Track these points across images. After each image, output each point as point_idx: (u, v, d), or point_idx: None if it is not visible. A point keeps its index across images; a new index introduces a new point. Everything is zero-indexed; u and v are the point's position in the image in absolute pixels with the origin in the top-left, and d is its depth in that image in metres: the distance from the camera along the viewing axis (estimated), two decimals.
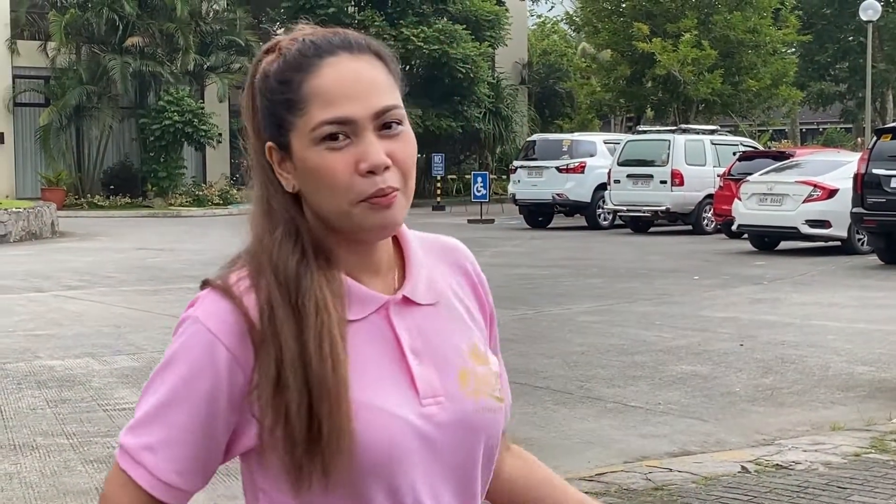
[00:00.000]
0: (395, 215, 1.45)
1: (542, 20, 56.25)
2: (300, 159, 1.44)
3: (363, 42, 1.49)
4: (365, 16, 35.86)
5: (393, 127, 1.45)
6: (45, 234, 23.10)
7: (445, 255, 1.61)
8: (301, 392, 1.39)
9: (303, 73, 1.45)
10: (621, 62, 37.56)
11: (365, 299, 1.48)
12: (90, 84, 32.77)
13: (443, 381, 1.49)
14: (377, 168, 1.42)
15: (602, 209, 25.35)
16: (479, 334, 1.57)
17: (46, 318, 11.48)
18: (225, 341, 1.42)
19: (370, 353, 1.46)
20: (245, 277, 1.45)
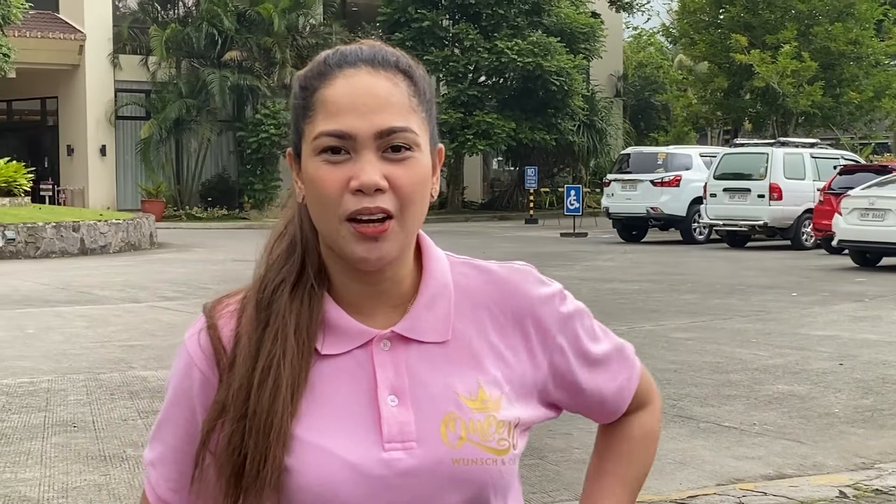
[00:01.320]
0: (384, 248, 1.38)
1: (638, 32, 55.83)
2: (303, 167, 1.43)
3: (392, 59, 1.43)
4: (459, 29, 35.93)
5: (401, 151, 1.38)
6: (143, 245, 23.50)
7: (490, 288, 1.50)
8: (238, 421, 1.39)
9: (319, 81, 1.42)
10: (718, 74, 37.10)
11: (349, 332, 1.43)
12: (189, 98, 33.33)
13: (421, 425, 1.40)
14: (365, 188, 1.35)
15: (698, 223, 25.02)
16: (500, 378, 1.46)
17: (141, 328, 11.64)
18: (199, 364, 1.45)
19: (339, 390, 1.41)
20: (237, 301, 1.47)
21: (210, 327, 1.46)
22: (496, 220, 35.77)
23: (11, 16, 27.07)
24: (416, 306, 1.44)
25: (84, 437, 6.96)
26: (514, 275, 1.52)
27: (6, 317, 12.50)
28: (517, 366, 1.48)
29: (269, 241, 1.49)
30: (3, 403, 7.96)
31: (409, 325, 1.44)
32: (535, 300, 1.51)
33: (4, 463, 6.38)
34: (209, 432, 1.42)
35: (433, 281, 1.46)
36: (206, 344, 1.45)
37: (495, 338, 1.48)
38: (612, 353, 1.59)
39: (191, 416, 1.46)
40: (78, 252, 21.63)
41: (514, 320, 1.49)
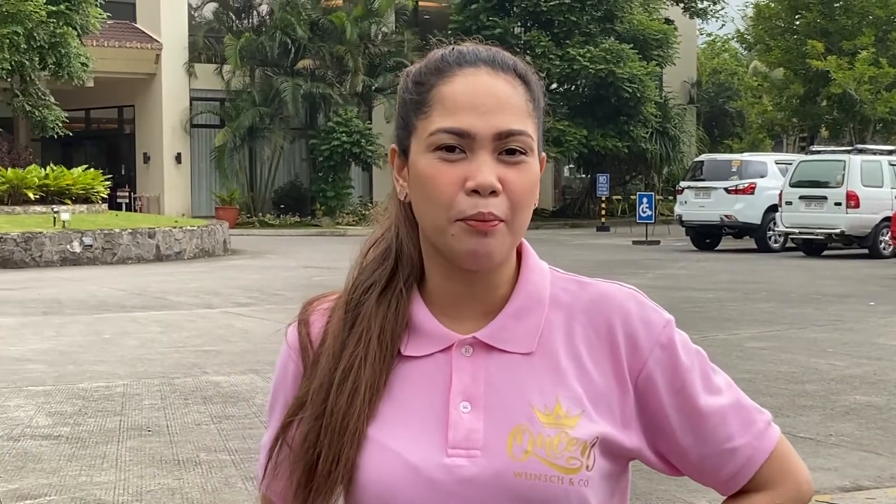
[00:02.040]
0: (492, 245, 1.36)
1: (713, 38, 55.34)
2: (412, 164, 1.40)
3: (510, 62, 1.42)
4: (531, 36, 35.89)
5: (516, 154, 1.37)
6: (217, 251, 23.76)
7: (588, 305, 1.45)
8: (315, 419, 1.40)
9: (437, 77, 1.40)
10: (794, 80, 36.66)
11: (433, 336, 1.42)
12: (263, 106, 33.65)
13: (489, 434, 1.38)
14: (482, 188, 1.34)
15: (773, 231, 24.70)
16: (582, 396, 1.40)
17: (214, 334, 11.75)
18: (293, 356, 1.48)
19: (415, 392, 1.41)
20: (333, 299, 1.49)
21: (301, 323, 1.48)
22: (567, 227, 35.63)
23: (90, 25, 27.57)
24: (503, 315, 1.43)
25: (158, 442, 7.04)
26: (617, 290, 1.48)
27: (83, 322, 12.70)
28: (603, 385, 1.42)
29: (365, 247, 1.50)
30: (80, 407, 8.08)
31: (492, 332, 1.42)
32: (633, 318, 1.45)
33: (80, 466, 6.48)
34: (287, 425, 1.44)
35: (525, 292, 1.44)
36: (294, 339, 1.48)
37: (584, 353, 1.43)
38: (728, 409, 1.48)
39: (285, 405, 1.48)
40: (153, 258, 21.93)
41: (606, 336, 1.44)
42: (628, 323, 1.45)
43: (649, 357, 1.44)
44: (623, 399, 1.43)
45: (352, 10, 34.49)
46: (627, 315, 1.45)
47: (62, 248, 20.88)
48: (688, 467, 1.48)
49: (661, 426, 1.45)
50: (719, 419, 1.47)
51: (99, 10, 27.90)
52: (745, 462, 1.48)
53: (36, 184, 24.26)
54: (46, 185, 24.45)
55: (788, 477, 1.50)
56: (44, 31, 25.87)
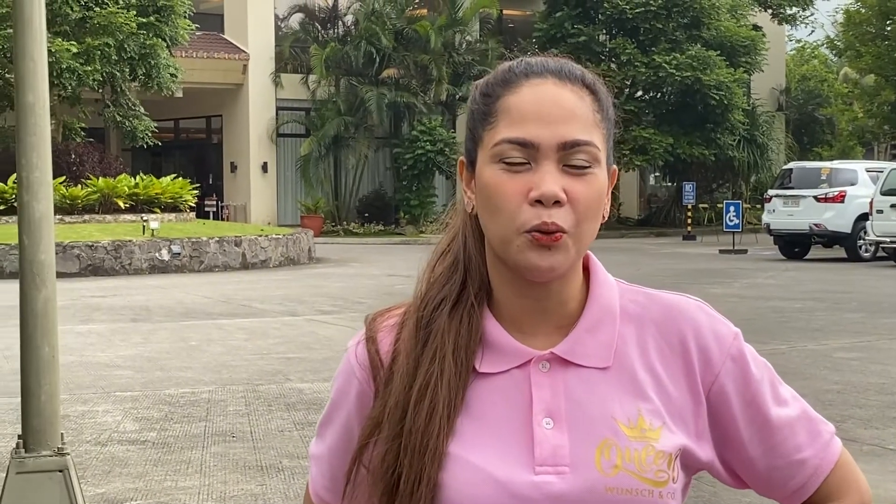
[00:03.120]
0: (556, 258, 1.35)
1: (802, 45, 54.55)
2: (478, 175, 1.40)
3: (578, 73, 1.42)
4: (616, 44, 35.70)
5: (580, 166, 1.36)
6: (302, 259, 23.97)
7: (659, 318, 1.45)
8: (393, 440, 1.38)
9: (503, 88, 1.40)
10: (886, 87, 35.97)
11: (507, 352, 1.41)
12: (348, 115, 33.90)
13: (575, 449, 1.37)
14: (545, 198, 1.33)
15: (863, 240, 24.21)
16: (661, 408, 1.41)
17: (298, 341, 11.85)
18: (358, 375, 1.46)
19: (494, 409, 1.39)
20: (398, 314, 1.47)
21: (369, 340, 1.46)
22: (653, 236, 35.33)
23: (179, 37, 28.03)
24: (578, 329, 1.42)
25: (242, 448, 7.10)
26: (686, 303, 1.48)
27: (170, 329, 12.89)
28: (678, 397, 1.43)
29: (432, 259, 1.49)
30: (166, 413, 8.19)
31: (569, 347, 1.41)
32: (705, 330, 1.45)
33: (165, 471, 6.56)
34: (363, 447, 1.42)
35: (598, 305, 1.43)
36: (364, 357, 1.46)
37: (659, 366, 1.43)
38: (797, 421, 1.48)
39: (346, 422, 1.47)
40: (239, 266, 22.20)
41: (679, 348, 1.44)
42: (700, 335, 1.45)
43: (721, 369, 1.44)
44: (697, 411, 1.44)
45: (436, 19, 34.61)
46: (699, 327, 1.45)
47: (151, 256, 21.24)
48: (755, 479, 1.49)
49: (731, 438, 1.46)
50: (788, 431, 1.47)
51: (188, 21, 28.36)
52: (812, 473, 1.48)
53: (126, 193, 24.72)
54: (136, 194, 24.90)
55: (851, 487, 1.50)
56: (134, 43, 26.36)
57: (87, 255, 20.57)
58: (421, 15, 35.36)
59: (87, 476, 6.35)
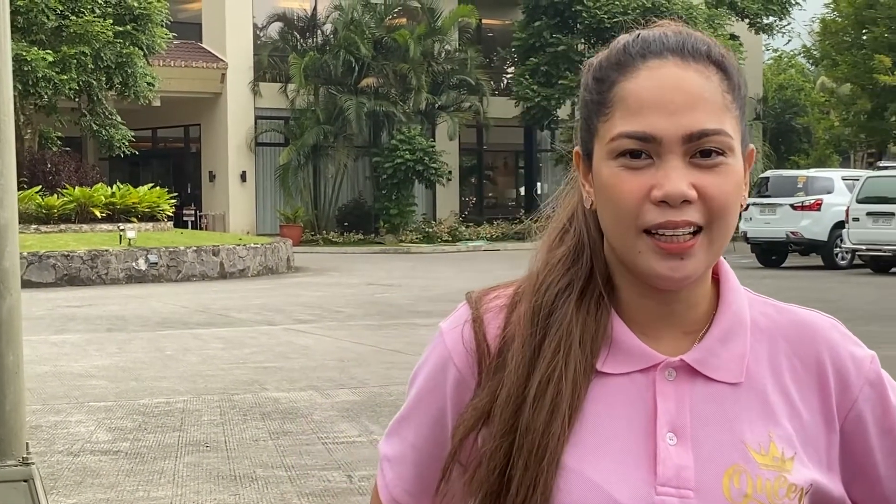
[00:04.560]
0: (689, 266, 1.21)
1: (779, 54, 54.82)
2: (596, 171, 1.25)
3: (703, 47, 1.25)
4: (594, 53, 35.76)
5: (712, 156, 1.21)
6: (280, 269, 23.91)
7: (792, 334, 1.32)
8: (504, 436, 1.23)
9: (618, 73, 1.25)
10: (862, 96, 36.18)
11: (632, 353, 1.26)
12: (327, 124, 33.88)
13: (700, 472, 1.23)
14: (671, 199, 1.19)
15: (840, 248, 24.34)
16: (793, 435, 1.27)
17: (275, 350, 11.81)
18: (457, 360, 1.30)
19: (614, 416, 1.25)
20: (507, 296, 1.31)
21: (476, 320, 1.30)
22: None
23: (156, 45, 27.97)
24: (710, 337, 1.27)
25: (216, 457, 7.07)
26: (821, 320, 1.35)
27: (146, 339, 12.84)
28: (811, 424, 1.29)
29: (550, 237, 1.33)
30: (140, 423, 8.15)
31: (700, 356, 1.26)
32: (841, 351, 1.32)
33: (138, 482, 6.52)
34: (462, 440, 1.27)
35: (730, 313, 1.29)
36: (470, 339, 1.30)
37: (792, 388, 1.29)
38: None
39: (439, 416, 1.31)
40: (217, 276, 22.13)
41: (815, 370, 1.31)
42: (837, 357, 1.31)
43: (860, 395, 1.31)
44: (830, 440, 1.30)
45: (415, 28, 34.64)
46: (835, 348, 1.32)
47: (128, 266, 21.15)
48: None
49: (865, 471, 1.32)
50: None
51: (165, 30, 28.29)
52: None
53: (103, 202, 24.61)
54: (113, 204, 24.80)
55: None
56: (110, 52, 26.28)
57: (63, 264, 20.46)
58: (400, 24, 35.38)
59: (58, 486, 6.31)
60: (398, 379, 9.86)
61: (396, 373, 10.20)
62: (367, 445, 7.35)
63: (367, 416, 8.32)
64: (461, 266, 25.34)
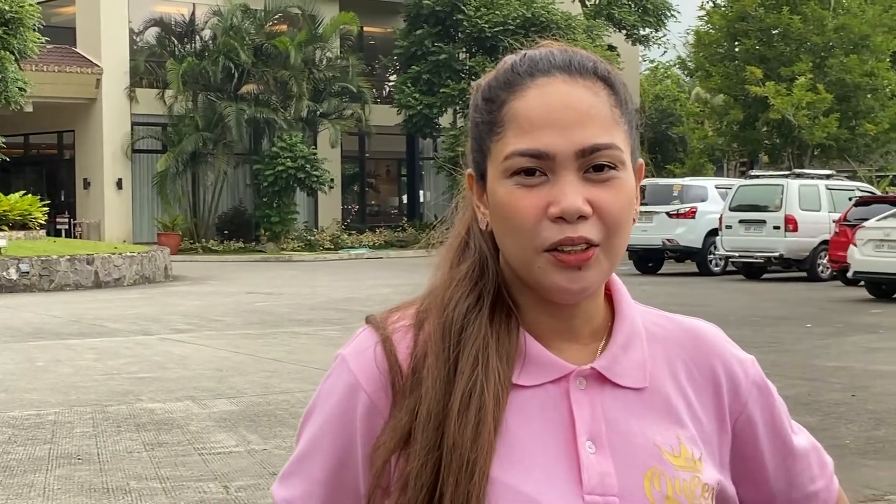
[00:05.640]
0: (588, 277, 1.22)
1: (655, 65, 55.91)
2: (491, 191, 1.26)
3: (589, 65, 1.27)
4: (476, 62, 36.04)
5: (605, 170, 1.22)
6: (157, 277, 23.53)
7: (685, 341, 1.36)
8: (428, 454, 1.21)
9: (508, 92, 1.26)
10: (734, 106, 37.07)
11: (544, 364, 1.27)
12: (206, 131, 33.47)
13: (622, 477, 1.24)
14: (567, 214, 1.20)
15: (713, 255, 24.93)
16: (696, 436, 1.31)
17: (151, 361, 11.62)
18: (366, 386, 1.27)
19: (534, 427, 1.25)
20: (410, 316, 1.30)
21: (385, 341, 1.28)
22: None
23: (28, 50, 27.28)
24: (613, 346, 1.30)
25: (88, 470, 6.92)
26: (708, 327, 1.39)
27: (17, 349, 12.51)
28: (708, 425, 1.33)
29: (449, 253, 1.33)
30: (9, 436, 7.94)
31: (607, 364, 1.28)
32: (730, 357, 1.37)
33: (7, 496, 6.35)
34: (385, 464, 1.24)
35: (627, 323, 1.32)
36: (382, 360, 1.27)
37: (690, 392, 1.33)
38: (810, 450, 1.42)
39: (348, 447, 1.27)
40: (92, 285, 21.68)
41: (708, 376, 1.35)
42: (727, 362, 1.36)
43: (749, 398, 1.36)
44: (721, 441, 1.35)
45: (296, 35, 34.45)
46: (724, 353, 1.37)
47: None
48: None
49: (754, 471, 1.37)
50: (806, 461, 1.41)
51: (37, 34, 27.60)
52: (826, 500, 1.44)
53: None
54: None
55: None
56: None
57: None
58: (280, 31, 35.16)
59: None
60: (277, 388, 9.79)
61: (276, 382, 10.12)
62: (244, 456, 7.28)
63: (245, 425, 8.23)
64: (343, 274, 25.26)
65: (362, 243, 35.15)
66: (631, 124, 1.27)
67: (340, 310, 16.53)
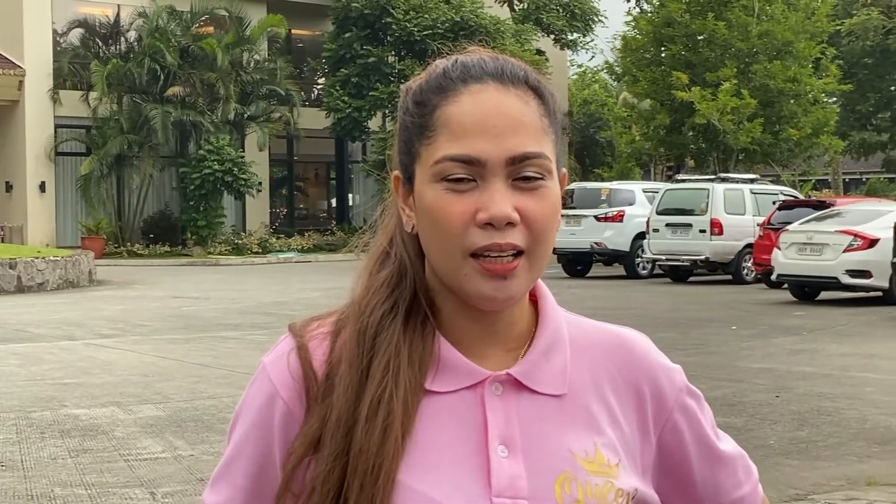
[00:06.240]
0: (513, 286, 1.23)
1: (583, 70, 56.36)
2: (418, 194, 1.27)
3: (521, 74, 1.28)
4: (405, 65, 36.06)
5: (532, 179, 1.23)
6: (82, 282, 23.20)
7: (611, 349, 1.37)
8: (336, 460, 1.22)
9: (440, 96, 1.27)
10: (661, 111, 37.47)
11: (459, 370, 1.27)
12: (131, 133, 33.07)
13: (533, 482, 1.25)
14: (496, 221, 1.20)
15: (641, 258, 25.17)
16: (616, 443, 1.31)
17: (76, 366, 11.45)
18: (283, 393, 1.28)
19: (446, 432, 1.26)
20: (330, 323, 1.31)
21: (301, 348, 1.29)
22: None
23: None
24: (533, 352, 1.30)
25: (11, 477, 6.81)
26: (636, 336, 1.40)
27: None
28: (629, 433, 1.34)
29: (370, 262, 1.34)
30: None
31: (525, 370, 1.29)
32: (657, 367, 1.38)
33: None
34: (294, 469, 1.25)
35: (550, 329, 1.33)
36: (296, 367, 1.28)
37: (612, 400, 1.34)
38: (736, 456, 1.43)
39: (268, 453, 1.29)
40: (14, 290, 21.30)
41: (632, 384, 1.36)
42: (651, 371, 1.37)
43: (674, 406, 1.37)
44: (644, 450, 1.35)
45: (223, 37, 34.18)
46: (649, 362, 1.38)
47: None
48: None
49: (682, 478, 1.38)
50: (732, 467, 1.42)
51: None
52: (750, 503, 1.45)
53: None
54: None
55: None
56: None
57: None
58: (207, 32, 34.84)
59: None
60: (204, 393, 9.70)
61: (203, 387, 10.02)
62: (171, 462, 7.20)
63: (172, 431, 8.14)
64: (272, 278, 25.10)
65: (291, 247, 34.96)
66: (558, 134, 1.29)
67: (269, 314, 16.42)
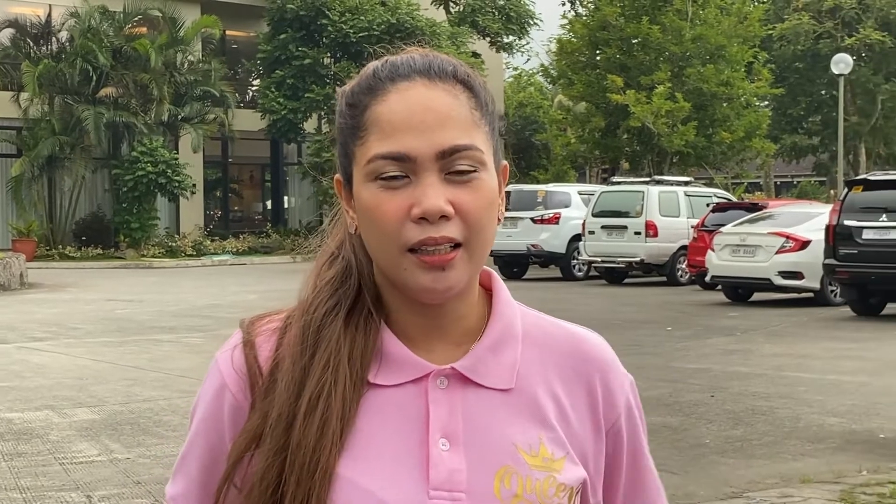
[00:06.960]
0: (451, 277, 1.24)
1: (519, 73, 56.59)
2: (356, 195, 1.28)
3: (449, 68, 1.30)
4: (340, 67, 35.97)
5: (465, 172, 1.25)
6: (13, 285, 22.85)
7: (565, 346, 1.37)
8: (276, 455, 1.24)
9: (370, 97, 1.29)
10: (596, 114, 37.73)
11: (404, 364, 1.29)
12: (63, 134, 32.63)
13: (473, 475, 1.26)
14: (429, 215, 1.22)
15: (577, 260, 25.32)
16: (563, 439, 1.32)
17: (8, 369, 11.28)
18: (231, 387, 1.30)
19: (388, 425, 1.27)
20: (279, 319, 1.33)
21: (246, 344, 1.31)
22: None
23: None
24: (480, 347, 1.31)
25: None
26: (591, 336, 1.41)
27: None
28: (580, 429, 1.34)
29: (319, 262, 1.36)
30: None
31: (470, 364, 1.30)
32: (611, 370, 1.39)
33: None
34: (235, 464, 1.27)
35: (500, 324, 1.34)
36: (241, 362, 1.30)
37: (563, 395, 1.34)
38: (656, 477, 1.46)
39: (219, 445, 1.31)
40: None
41: (585, 382, 1.36)
42: (606, 373, 1.38)
43: (622, 412, 1.38)
44: (597, 448, 1.37)
45: (156, 38, 33.85)
46: (605, 365, 1.38)
47: None
48: None
49: (610, 483, 1.39)
50: (651, 481, 1.44)
51: None
52: None
53: None
54: None
55: None
56: None
57: None
58: (140, 33, 34.47)
59: None
60: (140, 396, 9.60)
61: (138, 390, 9.92)
62: (107, 465, 7.13)
63: (108, 434, 8.06)
64: (206, 280, 24.91)
65: (225, 249, 34.71)
66: (492, 126, 1.30)
67: (204, 316, 16.29)
